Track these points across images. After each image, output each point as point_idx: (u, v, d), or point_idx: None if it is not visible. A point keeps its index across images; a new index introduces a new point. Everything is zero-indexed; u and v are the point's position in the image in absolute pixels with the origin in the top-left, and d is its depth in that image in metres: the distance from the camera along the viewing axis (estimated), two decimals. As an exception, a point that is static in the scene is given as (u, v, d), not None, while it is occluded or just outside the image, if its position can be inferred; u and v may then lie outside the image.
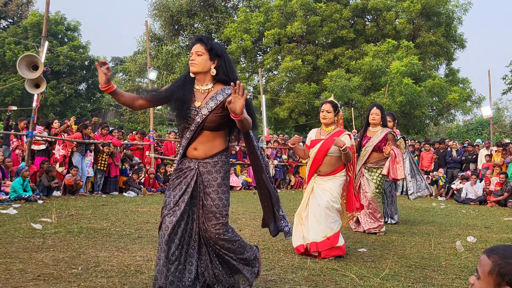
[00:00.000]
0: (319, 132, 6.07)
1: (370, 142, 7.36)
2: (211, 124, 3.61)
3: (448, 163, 17.65)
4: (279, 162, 18.78)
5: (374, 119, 7.44)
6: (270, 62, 30.62)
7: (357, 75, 26.96)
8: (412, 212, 11.09)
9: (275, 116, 29.06)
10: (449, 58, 30.44)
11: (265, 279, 4.42)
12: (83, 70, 34.39)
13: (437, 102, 27.32)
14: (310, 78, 29.39)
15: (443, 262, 5.42)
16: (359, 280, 4.47)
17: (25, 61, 10.81)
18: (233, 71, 3.75)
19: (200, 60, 3.65)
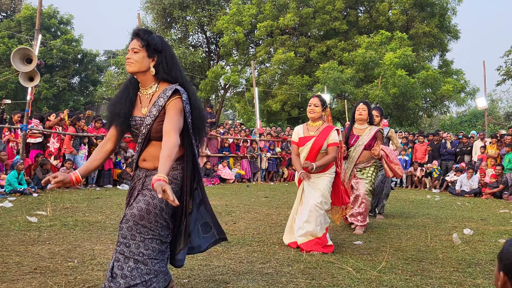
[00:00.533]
0: (307, 128, 5.97)
1: (360, 141, 7.06)
2: (157, 134, 3.23)
3: (443, 155, 17.68)
4: (272, 154, 18.77)
5: (361, 114, 7.15)
6: (263, 55, 30.53)
7: (350, 67, 26.95)
8: (406, 204, 11.12)
9: (268, 109, 29.01)
10: (443, 49, 30.47)
11: (261, 272, 4.42)
12: (76, 64, 34.23)
13: (430, 93, 27.35)
14: (303, 70, 29.36)
15: (440, 255, 5.43)
16: (356, 273, 4.47)
17: (19, 54, 10.74)
18: (176, 69, 3.32)
19: (136, 58, 3.24)
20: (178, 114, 3.18)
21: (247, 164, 17.94)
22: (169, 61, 3.28)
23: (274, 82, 30.70)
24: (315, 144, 5.74)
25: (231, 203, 10.08)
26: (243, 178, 17.38)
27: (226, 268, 4.55)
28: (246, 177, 17.64)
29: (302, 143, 5.86)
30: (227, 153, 17.54)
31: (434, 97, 27.76)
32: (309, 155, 5.77)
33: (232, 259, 4.94)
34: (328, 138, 5.74)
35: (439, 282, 4.26)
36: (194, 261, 4.76)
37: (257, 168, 18.13)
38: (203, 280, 4.11)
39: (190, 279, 4.14)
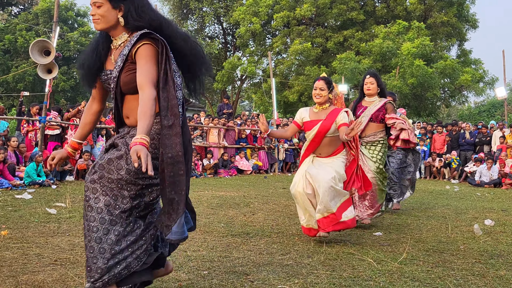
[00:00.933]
0: (313, 111, 5.59)
1: (366, 111, 6.46)
2: (128, 87, 2.95)
3: (461, 145, 17.50)
4: (289, 145, 18.73)
5: (369, 88, 6.51)
6: (279, 45, 30.43)
7: (367, 57, 26.80)
8: (426, 195, 11.02)
9: (285, 100, 28.97)
10: (461, 39, 30.13)
11: (281, 264, 4.40)
12: (93, 56, 34.38)
13: (449, 83, 27.09)
14: (320, 61, 29.25)
15: (462, 246, 5.35)
16: (376, 265, 4.43)
17: (37, 46, 10.80)
18: (148, 11, 2.97)
19: (101, 12, 2.92)
20: (148, 62, 2.85)
21: (265, 155, 17.92)
22: (138, 6, 2.94)
23: (290, 73, 30.64)
24: (322, 127, 5.39)
25: (249, 194, 10.07)
26: (260, 169, 17.39)
27: (246, 260, 4.53)
28: (264, 168, 17.63)
29: (308, 127, 5.52)
30: (244, 144, 17.54)
31: (453, 87, 27.50)
32: (315, 138, 5.45)
33: (252, 251, 4.92)
34: (337, 119, 5.37)
35: (461, 273, 4.20)
36: (214, 253, 4.75)
37: (274, 159, 18.11)
38: (223, 271, 4.10)
39: (210, 270, 4.12)
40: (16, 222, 6.11)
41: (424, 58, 24.95)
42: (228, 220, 6.83)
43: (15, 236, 5.26)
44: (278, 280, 3.88)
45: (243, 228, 6.18)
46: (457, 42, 30.27)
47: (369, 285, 3.79)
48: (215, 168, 15.80)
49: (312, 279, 3.93)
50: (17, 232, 5.48)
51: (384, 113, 6.47)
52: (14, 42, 29.73)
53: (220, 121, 17.27)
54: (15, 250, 4.67)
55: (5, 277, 3.80)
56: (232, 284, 3.76)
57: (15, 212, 6.89)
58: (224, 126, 17.18)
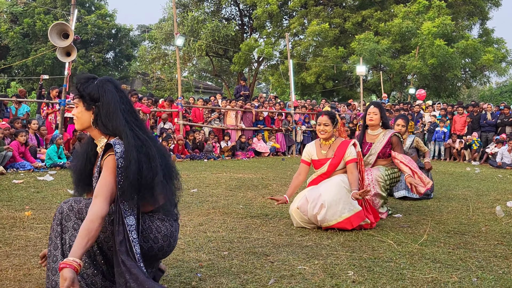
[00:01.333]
0: (319, 146, 5.49)
1: (373, 149, 6.27)
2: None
3: (483, 126, 17.26)
4: (307, 127, 18.66)
5: (372, 119, 6.31)
6: (297, 26, 30.19)
7: (386, 37, 26.49)
8: (446, 177, 10.92)
9: (302, 81, 28.80)
10: (483, 18, 29.61)
11: (301, 245, 4.40)
12: (111, 39, 34.44)
13: (470, 63, 26.72)
14: (338, 42, 28.98)
15: (483, 228, 5.30)
16: (397, 246, 4.41)
17: (56, 29, 10.84)
18: (114, 118, 2.79)
19: (76, 113, 2.89)
20: (110, 174, 2.71)
21: (282, 138, 17.89)
22: (105, 111, 2.80)
23: (308, 55, 30.41)
24: (331, 166, 5.32)
25: (267, 176, 10.07)
26: (278, 152, 17.36)
27: (265, 241, 4.53)
28: (281, 151, 17.60)
29: (317, 166, 5.45)
30: (261, 127, 17.51)
31: (474, 67, 27.12)
32: (323, 175, 5.36)
33: (271, 232, 4.93)
34: (345, 156, 5.28)
35: (484, 255, 4.16)
36: (233, 234, 4.76)
37: (292, 141, 18.07)
38: (243, 252, 4.11)
39: (230, 251, 4.14)
40: (39, 203, 6.19)
41: (444, 38, 24.58)
42: (246, 201, 6.85)
43: (38, 217, 5.32)
44: (298, 261, 3.89)
45: (262, 210, 6.19)
46: (479, 21, 29.72)
47: (390, 266, 3.78)
48: (232, 150, 15.82)
49: (332, 260, 3.93)
50: (40, 213, 5.55)
51: (390, 148, 6.21)
52: (32, 26, 29.89)
53: (238, 103, 17.23)
54: (39, 230, 4.73)
55: (30, 256, 3.86)
56: (252, 264, 3.77)
57: (38, 194, 6.98)
58: (242, 108, 17.15)
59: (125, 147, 2.71)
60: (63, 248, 2.74)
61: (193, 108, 16.61)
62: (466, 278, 3.51)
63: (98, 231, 2.60)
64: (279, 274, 3.54)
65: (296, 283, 3.34)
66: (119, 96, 2.87)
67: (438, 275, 3.57)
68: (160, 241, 2.88)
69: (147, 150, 2.75)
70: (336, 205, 4.95)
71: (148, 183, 2.72)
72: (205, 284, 3.30)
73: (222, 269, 3.64)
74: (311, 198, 5.07)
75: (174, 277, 3.46)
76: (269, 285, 3.29)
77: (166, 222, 2.94)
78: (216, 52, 33.35)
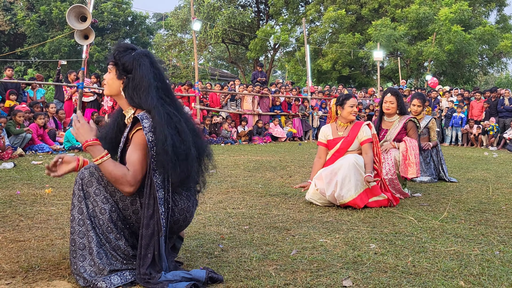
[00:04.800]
0: (336, 128, 5.49)
1: (388, 135, 6.22)
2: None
3: (500, 112, 17.06)
4: (323, 113, 18.60)
5: (389, 108, 6.24)
6: (313, 13, 30.02)
7: (403, 23, 26.28)
8: (464, 161, 10.84)
9: (318, 68, 28.68)
10: (500, 4, 29.21)
11: (321, 221, 4.41)
12: (127, 26, 34.51)
13: (487, 50, 26.43)
14: (354, 28, 28.78)
15: (503, 206, 5.27)
16: (417, 222, 4.40)
17: (74, 12, 10.86)
18: (142, 93, 2.77)
19: (108, 78, 2.90)
20: (137, 150, 2.74)
21: (299, 123, 17.86)
22: (135, 84, 2.79)
23: (324, 41, 30.25)
24: (344, 144, 5.32)
25: (285, 159, 10.08)
26: (294, 137, 17.35)
27: (285, 217, 4.55)
28: (298, 136, 17.59)
29: (331, 146, 5.44)
30: (278, 112, 17.50)
31: (491, 54, 26.83)
32: (336, 153, 5.36)
33: (291, 209, 4.94)
34: (359, 135, 5.30)
35: (505, 231, 4.14)
36: (253, 210, 4.79)
37: (308, 126, 18.04)
38: (264, 227, 4.13)
39: (250, 226, 4.16)
40: (59, 182, 6.27)
41: (462, 24, 24.31)
42: (265, 181, 6.87)
43: (59, 194, 5.40)
44: (319, 235, 3.90)
45: (281, 189, 6.21)
46: (496, 7, 29.34)
47: (411, 240, 3.78)
48: (249, 135, 15.83)
49: (353, 234, 3.93)
50: (60, 191, 5.63)
51: (405, 134, 6.18)
52: (49, 13, 30.02)
53: (255, 88, 17.21)
54: (60, 206, 4.80)
55: (52, 228, 3.93)
56: (273, 237, 3.79)
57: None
58: (258, 94, 17.13)
59: (155, 121, 2.69)
60: (89, 212, 2.77)
61: (210, 93, 16.63)
62: (488, 251, 3.50)
63: (116, 177, 2.69)
64: (300, 246, 3.56)
65: (318, 254, 3.36)
66: (153, 73, 2.84)
67: (460, 248, 3.56)
68: (176, 214, 2.87)
69: (176, 125, 2.74)
70: (348, 182, 4.96)
71: (182, 157, 2.72)
72: (228, 254, 3.32)
73: (244, 241, 3.67)
74: (327, 179, 5.06)
75: (196, 247, 3.48)
76: (292, 255, 3.31)
77: (183, 196, 2.94)
78: (232, 39, 33.30)
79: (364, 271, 3.02)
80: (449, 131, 17.33)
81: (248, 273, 2.94)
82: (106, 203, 2.77)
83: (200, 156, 2.97)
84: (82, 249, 2.74)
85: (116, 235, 2.79)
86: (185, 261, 3.18)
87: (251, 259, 3.21)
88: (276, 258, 3.26)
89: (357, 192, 4.99)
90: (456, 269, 3.08)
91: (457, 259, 3.29)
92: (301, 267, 3.07)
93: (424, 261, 3.23)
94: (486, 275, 2.97)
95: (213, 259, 3.22)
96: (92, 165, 2.85)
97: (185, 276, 2.72)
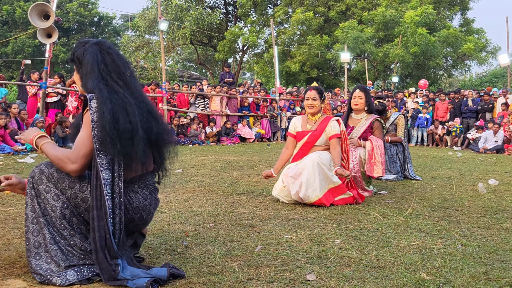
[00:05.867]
0: (306, 121, 5.48)
1: (354, 133, 6.21)
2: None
3: (464, 112, 17.42)
4: (292, 114, 18.67)
5: (357, 103, 6.25)
6: (281, 15, 30.13)
7: (369, 26, 26.59)
8: (429, 160, 11.00)
9: (287, 70, 28.79)
10: (464, 8, 29.86)
11: (287, 218, 4.40)
12: (93, 27, 34.06)
13: (451, 52, 26.94)
14: (322, 30, 28.99)
15: (466, 203, 5.35)
16: (382, 218, 4.42)
17: (37, 10, 10.64)
18: (87, 77, 2.79)
19: (74, 77, 2.97)
20: (83, 129, 2.73)
21: (267, 123, 17.88)
22: (84, 71, 2.81)
23: (292, 43, 30.39)
24: (310, 138, 5.32)
25: (253, 159, 10.06)
26: (263, 137, 17.36)
27: (251, 214, 4.52)
28: (266, 136, 17.61)
29: (299, 138, 5.44)
30: (246, 113, 17.49)
31: (455, 56, 27.34)
32: (303, 147, 5.37)
33: (257, 207, 4.92)
34: (327, 130, 5.29)
35: (467, 226, 4.20)
36: (219, 209, 4.74)
37: (277, 127, 18.08)
38: (229, 224, 4.10)
39: (216, 223, 4.12)
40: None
41: (427, 27, 24.74)
42: (232, 180, 6.83)
43: (17, 195, 5.25)
44: (284, 231, 3.88)
45: (248, 188, 6.18)
46: (460, 11, 29.96)
47: (376, 235, 3.79)
48: (217, 136, 15.78)
49: (318, 230, 3.93)
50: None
51: (371, 133, 6.21)
52: (12, 13, 29.44)
53: (223, 89, 17.14)
54: (19, 206, 4.69)
55: (9, 228, 3.84)
56: (239, 234, 3.75)
57: (18, 175, 6.83)
58: (227, 94, 17.08)
59: (98, 100, 2.67)
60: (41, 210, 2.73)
61: (178, 93, 16.49)
62: (451, 245, 3.54)
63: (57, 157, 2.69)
64: (265, 242, 3.53)
65: (283, 250, 3.34)
66: (102, 57, 2.82)
67: (424, 242, 3.59)
68: (130, 212, 2.83)
69: (124, 105, 2.70)
70: (313, 182, 4.94)
71: (126, 136, 2.66)
72: (191, 251, 3.28)
73: (208, 238, 3.63)
74: (292, 179, 5.06)
75: (159, 245, 3.43)
76: (256, 252, 3.29)
77: (139, 194, 2.90)
78: (201, 40, 33.15)
79: (328, 265, 3.02)
80: (415, 132, 17.61)
81: (211, 269, 2.91)
82: (57, 200, 2.74)
83: (157, 141, 2.93)
84: (38, 247, 2.70)
85: (70, 232, 2.75)
86: (147, 258, 3.14)
87: (215, 256, 3.17)
88: (240, 254, 3.23)
89: (323, 192, 4.98)
90: (419, 262, 3.10)
91: (420, 253, 3.32)
92: (265, 263, 3.06)
93: (388, 255, 3.25)
94: (448, 268, 3.00)
95: (176, 256, 3.18)
96: (43, 163, 2.82)
97: (144, 275, 2.66)
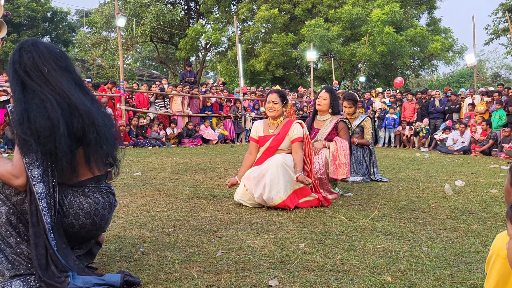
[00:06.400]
0: (268, 125, 5.38)
1: (319, 135, 6.09)
2: None
3: (431, 113, 17.50)
4: (256, 114, 18.51)
5: (320, 104, 6.16)
6: (245, 12, 29.96)
7: (336, 24, 26.61)
8: (396, 161, 10.99)
9: (251, 69, 28.59)
10: (431, 7, 30.21)
11: (250, 222, 4.26)
12: (46, 23, 33.05)
13: (418, 52, 27.21)
14: (287, 28, 28.93)
15: (433, 205, 5.29)
16: (348, 221, 4.32)
17: (-18, 4, 10.15)
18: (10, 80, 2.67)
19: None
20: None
21: (231, 124, 17.64)
22: (8, 73, 2.70)
23: (257, 41, 30.24)
24: (273, 142, 5.19)
25: (215, 161, 9.88)
26: (226, 139, 17.12)
27: (213, 219, 4.35)
28: (230, 138, 17.38)
29: (262, 143, 5.31)
30: (209, 113, 17.18)
31: (422, 56, 27.64)
32: (266, 151, 5.22)
33: (219, 211, 4.74)
34: (289, 133, 5.18)
35: (433, 228, 4.14)
36: (179, 213, 4.56)
37: (241, 128, 17.87)
38: (189, 229, 3.92)
39: (175, 228, 3.94)
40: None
41: (394, 26, 24.90)
42: (193, 183, 6.64)
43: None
44: (247, 236, 3.73)
45: (210, 191, 6.00)
46: (427, 10, 30.27)
47: (341, 238, 3.68)
48: (179, 138, 15.49)
49: (282, 234, 3.79)
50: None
51: (336, 134, 6.08)
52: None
53: (184, 88, 16.81)
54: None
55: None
56: (199, 239, 3.60)
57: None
58: (188, 94, 16.76)
59: (13, 103, 2.57)
60: None
61: (137, 93, 16.08)
62: (417, 247, 3.50)
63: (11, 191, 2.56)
64: (227, 247, 3.40)
65: (245, 255, 3.21)
66: (19, 57, 2.64)
67: (389, 245, 3.53)
68: (81, 217, 2.68)
69: (41, 102, 2.51)
70: (277, 184, 4.80)
71: (46, 134, 2.46)
72: (148, 258, 3.14)
73: (167, 244, 3.47)
74: (255, 180, 4.91)
75: (114, 251, 3.28)
76: (217, 257, 3.14)
77: (90, 198, 2.73)
78: (161, 38, 32.55)
79: (292, 270, 2.94)
80: (382, 133, 17.60)
81: (169, 276, 2.80)
82: (2, 206, 2.58)
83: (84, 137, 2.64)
84: None
85: (17, 239, 2.59)
86: (100, 266, 2.99)
87: (173, 262, 3.05)
88: (200, 260, 3.10)
89: (287, 194, 4.84)
90: (384, 265, 3.05)
91: (386, 256, 3.26)
92: (226, 268, 2.94)
93: (353, 258, 3.18)
94: (413, 270, 2.96)
95: (132, 263, 3.04)
96: None
97: (97, 282, 2.53)
